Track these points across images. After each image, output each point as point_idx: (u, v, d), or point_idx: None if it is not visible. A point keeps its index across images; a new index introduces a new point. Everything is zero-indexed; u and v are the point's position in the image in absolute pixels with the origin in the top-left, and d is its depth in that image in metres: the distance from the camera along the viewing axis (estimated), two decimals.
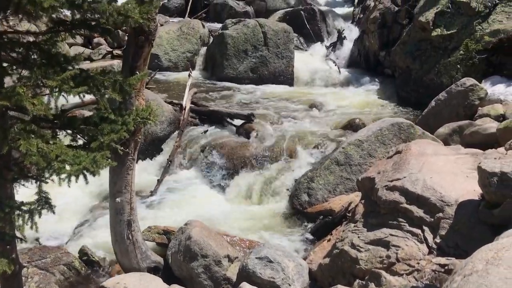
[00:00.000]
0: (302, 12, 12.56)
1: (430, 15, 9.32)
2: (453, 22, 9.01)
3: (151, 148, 7.45)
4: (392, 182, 3.90)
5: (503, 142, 5.95)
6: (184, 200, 6.39)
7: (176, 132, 7.64)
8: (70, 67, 3.56)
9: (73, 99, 3.74)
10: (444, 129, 6.82)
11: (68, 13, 3.58)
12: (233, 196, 6.57)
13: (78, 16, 3.52)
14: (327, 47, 12.14)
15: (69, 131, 3.68)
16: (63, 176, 3.26)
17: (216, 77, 10.66)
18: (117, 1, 3.48)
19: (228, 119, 7.97)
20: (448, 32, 8.97)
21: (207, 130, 7.68)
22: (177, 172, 7.13)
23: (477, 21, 8.64)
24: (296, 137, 7.33)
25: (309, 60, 11.78)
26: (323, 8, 13.35)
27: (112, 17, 3.40)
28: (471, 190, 3.59)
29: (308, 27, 12.51)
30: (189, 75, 8.83)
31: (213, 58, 10.85)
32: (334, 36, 12.44)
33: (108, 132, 3.65)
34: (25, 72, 3.38)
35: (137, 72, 4.01)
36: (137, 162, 4.69)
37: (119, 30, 10.99)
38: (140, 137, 4.26)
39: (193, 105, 8.25)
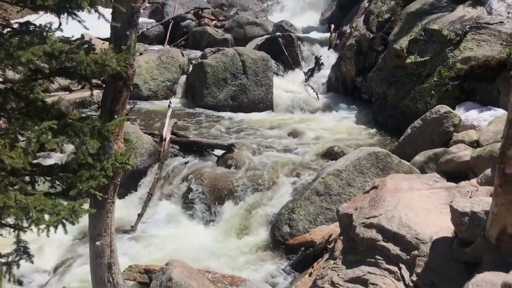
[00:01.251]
0: (279, 39, 12.76)
1: (404, 42, 9.59)
2: (426, 49, 9.28)
3: (131, 181, 7.42)
4: (369, 219, 3.98)
5: (477, 169, 6.13)
6: (165, 234, 6.38)
7: (157, 164, 7.64)
8: (48, 115, 3.60)
9: None
10: (420, 157, 6.97)
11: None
12: (214, 229, 6.58)
13: (55, 64, 3.57)
14: (305, 73, 12.35)
15: (47, 178, 3.70)
16: (42, 226, 3.26)
17: (196, 105, 10.73)
18: (95, 50, 3.54)
19: (209, 150, 8.02)
20: (422, 59, 9.23)
21: (187, 162, 7.71)
22: (158, 205, 7.11)
23: (449, 48, 8.92)
24: (277, 167, 7.41)
25: (288, 87, 11.96)
26: (301, 34, 13.59)
27: (90, 67, 3.46)
28: (445, 226, 3.70)
29: (286, 53, 12.71)
30: (169, 106, 8.87)
31: (193, 86, 10.94)
32: (312, 62, 12.66)
33: (87, 178, 3.68)
34: (2, 123, 3.40)
35: (116, 117, 4.04)
36: (117, 196, 4.70)
37: None
38: (119, 180, 4.27)
39: (173, 136, 8.29)
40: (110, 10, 4.01)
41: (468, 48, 8.72)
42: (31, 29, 3.65)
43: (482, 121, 7.75)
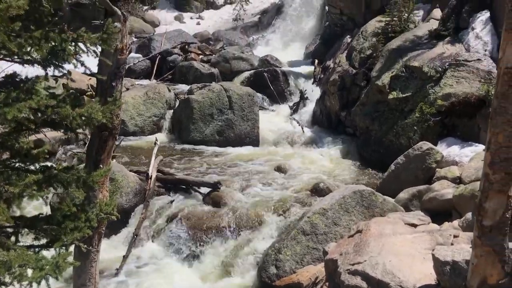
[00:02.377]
0: (265, 74, 12.97)
1: (386, 78, 9.80)
2: (408, 85, 9.49)
3: (117, 221, 7.26)
4: (354, 266, 4.01)
5: (459, 208, 6.24)
6: (151, 277, 6.31)
7: (142, 203, 7.61)
8: (33, 168, 3.62)
9: None
10: (404, 194, 7.06)
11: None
12: (200, 270, 6.54)
13: (41, 117, 3.61)
14: (291, 107, 12.51)
15: (31, 231, 3.68)
16: (24, 283, 3.24)
17: (182, 140, 10.78)
18: (81, 104, 3.59)
19: (195, 187, 8.03)
20: (404, 95, 9.43)
21: (173, 200, 7.70)
22: (143, 246, 7.06)
23: (430, 85, 9.14)
24: (263, 205, 7.43)
25: (274, 120, 12.09)
26: (285, 69, 13.81)
27: (76, 120, 3.50)
28: (428, 273, 3.74)
29: (272, 87, 12.91)
30: (155, 143, 8.90)
31: (180, 121, 11.00)
32: (297, 95, 12.85)
33: (72, 229, 3.67)
34: None
35: (101, 166, 4.07)
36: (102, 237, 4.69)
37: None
38: (103, 229, 4.26)
39: (159, 174, 8.28)
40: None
41: (448, 85, 8.94)
42: (17, 80, 3.70)
43: (463, 157, 7.91)
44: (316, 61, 13.66)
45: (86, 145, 5.11)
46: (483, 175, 3.00)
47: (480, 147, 7.88)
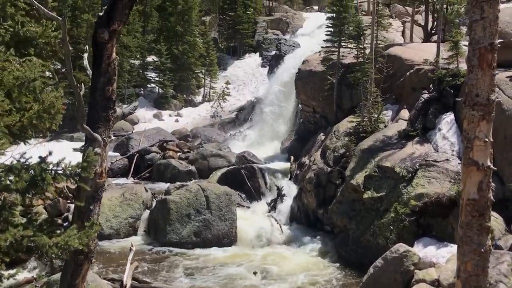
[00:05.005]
0: (242, 171, 13.16)
1: (360, 178, 10.06)
2: (381, 185, 9.74)
3: None
4: None
5: None
6: None
7: None
8: None
9: None
10: None
11: None
12: None
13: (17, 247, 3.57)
14: (268, 204, 12.56)
15: None
16: None
17: (159, 242, 10.58)
18: (58, 233, 3.59)
19: None
20: (378, 195, 9.63)
21: None
22: None
23: (403, 185, 9.40)
24: None
25: (252, 218, 12.04)
26: (262, 165, 14.04)
27: (52, 249, 3.48)
28: None
29: (249, 184, 13.03)
30: (131, 249, 8.71)
31: (156, 222, 10.88)
32: (274, 192, 12.96)
33: None
34: None
35: None
36: None
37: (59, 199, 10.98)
38: None
39: (134, 281, 8.05)
40: None
41: (420, 185, 9.21)
42: None
43: (440, 258, 7.98)
44: (292, 158, 13.99)
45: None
46: None
47: (455, 248, 7.96)
